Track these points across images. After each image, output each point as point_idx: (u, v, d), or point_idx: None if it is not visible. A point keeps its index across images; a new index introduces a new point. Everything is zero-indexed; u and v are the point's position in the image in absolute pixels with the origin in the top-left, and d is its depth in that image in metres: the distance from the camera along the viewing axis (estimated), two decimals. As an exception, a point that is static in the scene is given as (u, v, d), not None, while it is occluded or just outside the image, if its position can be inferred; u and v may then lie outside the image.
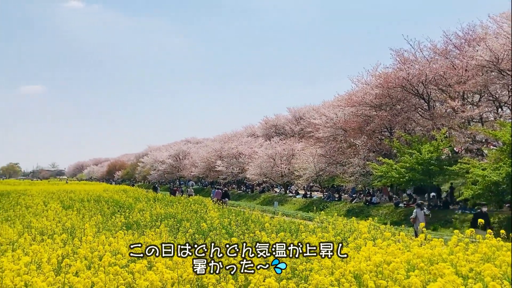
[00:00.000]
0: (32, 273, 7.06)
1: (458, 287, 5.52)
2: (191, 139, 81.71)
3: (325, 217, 16.57)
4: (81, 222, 15.07)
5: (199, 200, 27.02)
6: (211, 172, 54.98)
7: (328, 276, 6.20)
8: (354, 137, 31.24)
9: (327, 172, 35.05)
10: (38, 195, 30.65)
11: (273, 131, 54.39)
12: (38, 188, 41.96)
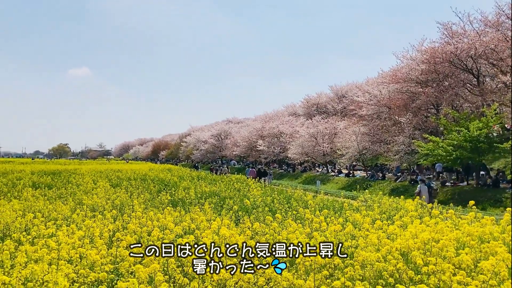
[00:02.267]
0: (86, 246, 7.39)
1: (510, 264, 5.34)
2: (233, 119, 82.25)
3: (369, 196, 16.37)
4: (129, 200, 15.58)
5: (241, 179, 27.31)
6: (253, 152, 55.29)
7: (374, 252, 6.14)
8: (398, 114, 30.46)
9: (370, 151, 34.49)
10: (87, 174, 31.87)
11: (314, 109, 53.88)
12: (87, 168, 43.61)
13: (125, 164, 68.04)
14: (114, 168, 44.09)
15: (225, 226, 8.57)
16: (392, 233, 7.98)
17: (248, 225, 8.29)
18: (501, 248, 5.88)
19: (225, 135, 69.58)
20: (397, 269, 5.89)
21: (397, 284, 5.05)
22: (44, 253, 6.80)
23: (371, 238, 7.20)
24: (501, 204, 20.85)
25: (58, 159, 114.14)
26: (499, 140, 22.30)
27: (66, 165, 54.24)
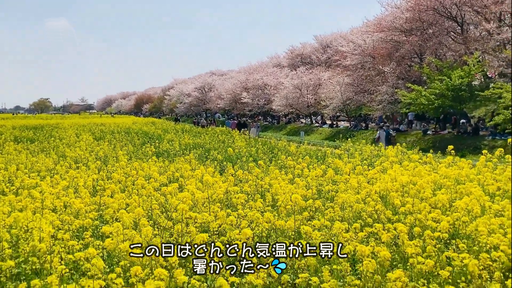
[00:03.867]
0: (70, 196, 7.43)
1: (484, 203, 5.55)
2: (216, 71, 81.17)
3: (352, 145, 16.60)
4: (113, 152, 15.55)
5: (226, 131, 27.37)
6: (237, 104, 55.02)
7: (354, 195, 6.31)
8: (382, 64, 30.38)
9: (354, 101, 34.62)
10: (70, 128, 31.56)
11: (299, 60, 53.31)
12: (70, 122, 43.11)
13: (108, 118, 67.35)
14: (97, 122, 43.67)
15: (209, 174, 8.66)
16: (372, 178, 8.17)
17: (231, 172, 8.39)
18: (475, 188, 6.08)
19: (208, 88, 68.87)
20: (376, 210, 6.07)
21: (375, 223, 5.23)
22: (28, 202, 6.83)
23: (351, 182, 7.37)
24: (480, 151, 21.31)
25: (40, 114, 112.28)
26: (480, 89, 22.52)
27: (48, 119, 53.47)
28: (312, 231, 4.82)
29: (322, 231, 5.17)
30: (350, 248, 4.44)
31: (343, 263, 4.31)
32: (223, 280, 3.72)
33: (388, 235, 4.88)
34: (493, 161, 8.24)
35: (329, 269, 4.23)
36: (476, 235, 4.81)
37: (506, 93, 18.98)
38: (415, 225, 5.30)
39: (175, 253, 4.10)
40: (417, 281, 4.08)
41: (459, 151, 20.86)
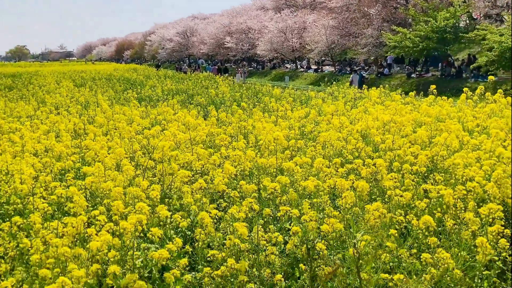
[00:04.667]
0: (51, 140, 7.35)
1: (463, 138, 5.64)
2: (198, 15, 78.91)
3: (336, 88, 16.56)
4: (94, 98, 15.31)
5: (209, 77, 27.03)
6: (221, 50, 54.00)
7: (335, 133, 6.35)
8: (368, 6, 29.80)
9: (339, 45, 34.21)
10: (50, 75, 30.82)
11: (283, 3, 51.94)
12: (50, 69, 42.05)
13: (89, 65, 65.76)
14: (77, 69, 42.65)
15: (192, 117, 8.60)
16: (355, 118, 8.21)
17: (214, 114, 8.34)
18: (455, 125, 6.15)
19: (191, 33, 67.15)
20: (357, 148, 6.14)
21: (356, 160, 5.30)
22: (7, 146, 6.75)
23: (333, 122, 7.40)
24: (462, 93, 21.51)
25: (17, 61, 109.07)
26: (465, 30, 22.38)
27: (27, 67, 52.08)
28: (294, 166, 4.88)
29: (304, 168, 5.23)
30: (330, 183, 4.52)
31: (323, 197, 4.40)
32: (204, 213, 3.79)
33: (367, 170, 4.97)
34: (473, 99, 8.32)
35: (309, 203, 4.32)
36: (453, 169, 4.92)
37: (490, 35, 18.90)
38: (394, 160, 5.39)
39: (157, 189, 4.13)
40: (395, 212, 4.20)
41: (442, 93, 20.94)
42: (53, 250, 3.48)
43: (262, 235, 3.99)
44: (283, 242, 4.05)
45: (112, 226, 3.60)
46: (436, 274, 3.59)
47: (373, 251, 3.76)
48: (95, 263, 3.26)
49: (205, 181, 4.95)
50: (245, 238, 3.90)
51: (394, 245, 3.77)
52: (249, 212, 3.99)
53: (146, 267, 3.70)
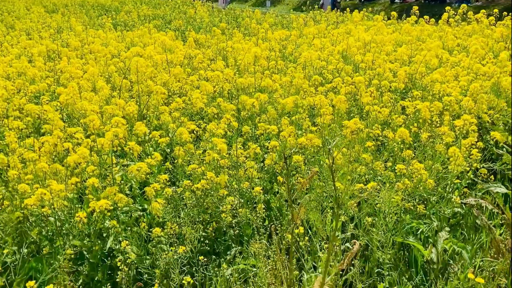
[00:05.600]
0: (23, 63, 7.09)
1: (442, 56, 5.63)
2: None
3: (318, 12, 16.13)
4: (67, 23, 14.68)
5: (188, 2, 26.06)
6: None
7: (316, 53, 6.25)
8: None
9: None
10: (18, 1, 29.28)
11: None
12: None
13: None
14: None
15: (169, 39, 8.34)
16: (336, 40, 8.07)
17: (192, 35, 8.10)
18: (435, 42, 6.10)
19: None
20: (337, 69, 6.09)
21: (335, 78, 5.27)
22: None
23: (315, 43, 7.27)
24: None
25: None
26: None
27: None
28: (272, 84, 4.83)
29: (284, 87, 5.20)
30: (309, 100, 4.51)
31: (302, 114, 4.41)
32: (183, 128, 3.77)
33: (346, 88, 4.96)
34: (455, 19, 8.20)
35: (289, 120, 4.33)
36: (431, 86, 4.94)
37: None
38: (373, 78, 5.37)
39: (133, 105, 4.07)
40: (372, 127, 4.25)
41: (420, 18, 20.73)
42: (31, 167, 3.47)
43: (241, 152, 4.03)
44: (261, 156, 4.10)
45: (89, 143, 3.57)
46: (410, 185, 3.71)
47: (349, 165, 3.85)
48: (74, 177, 3.26)
49: (183, 101, 4.90)
50: (225, 155, 3.94)
51: (370, 157, 3.85)
52: (227, 129, 3.99)
53: (126, 184, 3.74)
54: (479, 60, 5.47)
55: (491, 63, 5.39)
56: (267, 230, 3.52)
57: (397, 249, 3.67)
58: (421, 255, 3.58)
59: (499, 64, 5.28)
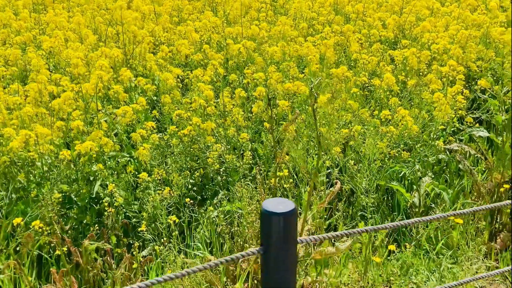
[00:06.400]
0: (8, 13, 6.94)
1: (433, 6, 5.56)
2: None
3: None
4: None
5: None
6: None
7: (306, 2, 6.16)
8: None
9: None
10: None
11: None
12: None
13: None
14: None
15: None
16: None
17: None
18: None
19: None
20: (328, 20, 6.01)
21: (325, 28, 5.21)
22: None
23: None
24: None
25: None
26: None
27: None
28: (259, 31, 4.78)
29: (273, 37, 5.14)
30: (297, 47, 4.47)
31: (290, 62, 4.38)
32: (168, 74, 3.76)
33: (335, 38, 4.92)
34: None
35: (276, 68, 4.31)
36: (421, 36, 4.91)
37: None
38: (364, 28, 5.31)
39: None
40: (359, 74, 4.25)
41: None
42: (16, 113, 3.47)
43: (229, 101, 4.03)
44: (249, 106, 4.11)
45: (74, 88, 3.55)
46: (395, 132, 3.75)
47: (336, 112, 3.87)
48: (60, 121, 3.26)
49: (170, 51, 4.85)
50: (211, 103, 3.94)
51: (356, 104, 3.86)
52: (214, 76, 3.98)
53: (112, 131, 3.75)
54: (470, 11, 5.41)
55: (482, 14, 5.34)
56: (254, 178, 3.57)
57: (381, 194, 3.75)
58: (404, 199, 3.66)
59: (489, 15, 5.23)
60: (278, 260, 1.19)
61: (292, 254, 1.21)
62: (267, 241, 1.18)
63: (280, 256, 1.18)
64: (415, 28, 5.15)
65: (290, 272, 1.24)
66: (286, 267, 1.22)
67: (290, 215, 1.16)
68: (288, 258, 1.21)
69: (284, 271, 1.21)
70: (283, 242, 1.17)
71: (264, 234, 1.18)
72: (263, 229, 1.19)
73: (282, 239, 1.17)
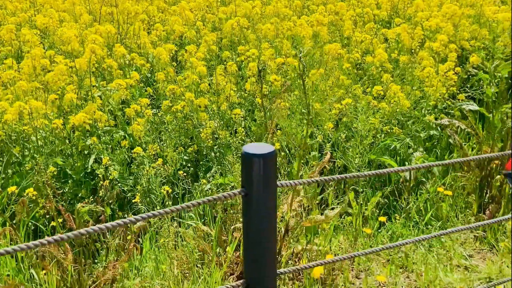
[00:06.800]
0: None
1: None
2: None
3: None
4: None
5: None
6: None
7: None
8: None
9: None
10: None
11: None
12: None
13: None
14: None
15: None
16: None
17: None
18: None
19: None
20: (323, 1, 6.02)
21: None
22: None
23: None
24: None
25: None
26: None
27: None
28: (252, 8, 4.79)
29: (267, 16, 5.16)
30: (289, 24, 4.48)
31: (283, 41, 4.40)
32: (161, 49, 3.78)
33: (329, 17, 4.93)
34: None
35: (269, 45, 4.33)
36: (414, 15, 4.93)
37: None
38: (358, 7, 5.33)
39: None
40: (352, 51, 4.27)
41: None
42: (11, 89, 3.49)
43: (222, 78, 4.06)
44: (243, 84, 4.14)
45: (68, 63, 3.57)
46: (388, 108, 3.79)
47: (329, 89, 3.90)
48: (53, 94, 3.29)
49: (164, 31, 4.87)
50: (205, 80, 3.97)
51: (349, 81, 3.90)
52: (207, 53, 4.00)
53: (106, 106, 3.78)
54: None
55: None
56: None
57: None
58: (395, 174, 3.70)
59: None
60: (259, 202, 1.23)
61: (272, 197, 1.25)
62: (248, 183, 1.22)
63: (261, 198, 1.23)
64: (409, 7, 5.17)
65: (271, 216, 1.28)
66: (267, 209, 1.26)
67: (269, 156, 1.20)
68: (269, 200, 1.25)
69: (265, 214, 1.25)
70: (263, 183, 1.21)
71: (245, 176, 1.22)
72: (244, 171, 1.23)
73: (263, 180, 1.21)
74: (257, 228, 1.27)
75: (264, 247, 1.29)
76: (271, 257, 1.32)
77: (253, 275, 1.32)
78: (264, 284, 1.32)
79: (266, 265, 1.31)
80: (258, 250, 1.29)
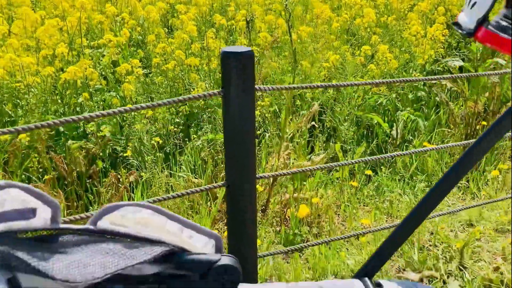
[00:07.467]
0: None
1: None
2: None
3: None
4: None
5: None
6: None
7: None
8: None
9: None
10: None
11: None
12: None
13: None
14: None
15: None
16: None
17: None
18: None
19: None
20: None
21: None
22: None
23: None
24: None
25: None
26: None
27: None
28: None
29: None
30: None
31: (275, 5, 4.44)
32: (151, 6, 3.81)
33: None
34: None
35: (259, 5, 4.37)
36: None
37: None
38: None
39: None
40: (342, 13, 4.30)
41: None
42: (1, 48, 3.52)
43: (213, 41, 4.10)
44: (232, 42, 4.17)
45: (59, 22, 3.59)
46: (376, 70, 3.85)
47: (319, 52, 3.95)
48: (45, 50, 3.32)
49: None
50: (196, 42, 4.01)
51: (338, 42, 3.94)
52: (198, 15, 4.03)
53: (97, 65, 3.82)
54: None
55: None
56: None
57: (362, 128, 3.87)
58: (382, 131, 3.77)
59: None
60: (237, 102, 1.29)
61: (250, 98, 1.31)
62: (226, 83, 1.28)
63: (239, 97, 1.28)
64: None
65: (249, 121, 1.34)
66: (246, 113, 1.32)
67: (247, 55, 1.25)
68: (249, 103, 1.31)
69: (243, 114, 1.31)
70: (242, 83, 1.27)
71: (224, 76, 1.28)
72: (222, 71, 1.29)
73: (241, 79, 1.27)
74: (236, 128, 1.32)
75: (244, 148, 1.34)
76: (251, 159, 1.37)
77: (233, 178, 1.38)
78: (243, 187, 1.38)
79: (245, 167, 1.37)
80: (237, 151, 1.35)
